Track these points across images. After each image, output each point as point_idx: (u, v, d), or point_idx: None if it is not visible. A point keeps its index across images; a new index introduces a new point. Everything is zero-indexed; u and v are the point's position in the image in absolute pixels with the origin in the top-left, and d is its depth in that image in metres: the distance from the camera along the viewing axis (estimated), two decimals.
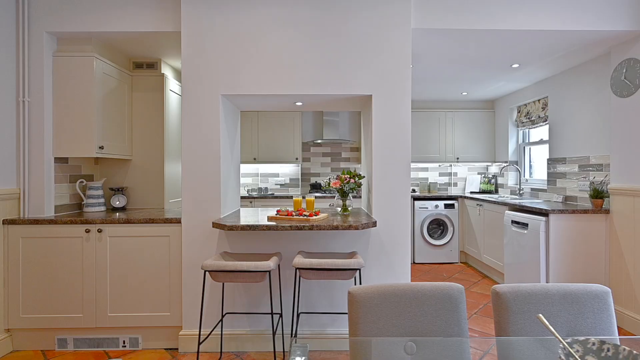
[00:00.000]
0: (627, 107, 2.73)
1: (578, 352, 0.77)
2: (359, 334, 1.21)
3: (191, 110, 2.48)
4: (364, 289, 1.24)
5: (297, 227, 2.13)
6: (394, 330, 1.22)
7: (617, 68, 2.82)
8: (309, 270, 2.00)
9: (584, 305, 1.23)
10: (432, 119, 5.12)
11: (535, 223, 3.05)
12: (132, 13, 2.56)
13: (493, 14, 2.54)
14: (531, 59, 3.27)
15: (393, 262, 2.49)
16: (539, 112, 4.15)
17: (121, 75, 3.01)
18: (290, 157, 5.01)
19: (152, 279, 2.50)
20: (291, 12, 2.48)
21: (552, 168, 3.81)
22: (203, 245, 2.48)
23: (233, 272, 1.97)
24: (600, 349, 0.77)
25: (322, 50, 2.48)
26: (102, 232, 2.48)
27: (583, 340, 0.78)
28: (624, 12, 2.55)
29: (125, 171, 3.21)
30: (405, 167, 2.49)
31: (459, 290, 1.25)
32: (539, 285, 1.26)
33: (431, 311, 1.23)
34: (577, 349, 0.77)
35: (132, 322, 2.50)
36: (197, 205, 2.48)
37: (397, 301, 1.23)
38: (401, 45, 2.47)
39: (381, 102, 2.48)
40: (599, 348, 0.77)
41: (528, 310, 1.23)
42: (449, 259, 4.76)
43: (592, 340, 0.78)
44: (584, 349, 0.78)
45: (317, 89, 2.49)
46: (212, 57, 2.48)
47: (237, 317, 2.51)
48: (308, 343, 2.40)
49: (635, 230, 2.65)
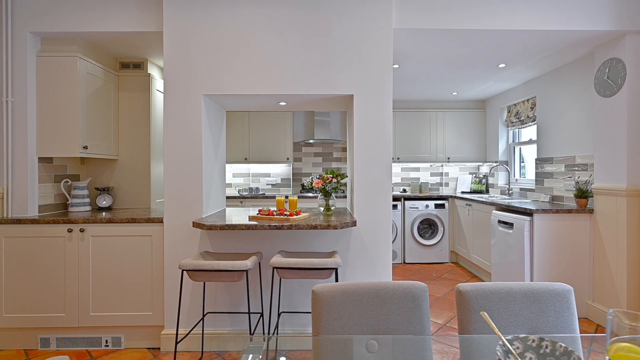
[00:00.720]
0: (610, 106, 2.74)
1: (518, 349, 0.78)
2: (321, 332, 1.22)
3: (173, 110, 2.49)
4: (327, 288, 1.25)
5: (276, 226, 2.13)
6: (356, 328, 1.22)
7: (601, 68, 2.83)
8: (286, 269, 2.01)
9: (546, 303, 1.24)
10: (423, 119, 5.13)
11: (520, 223, 3.06)
12: (115, 13, 2.57)
13: (476, 14, 2.54)
14: (517, 59, 3.27)
15: (374, 261, 2.50)
16: (528, 112, 4.15)
17: (107, 75, 3.01)
18: (281, 157, 5.02)
19: (135, 278, 2.51)
20: (274, 12, 2.49)
21: (540, 168, 3.82)
22: (185, 245, 2.49)
23: (210, 271, 1.98)
24: (539, 346, 0.77)
25: (305, 50, 2.49)
26: (84, 231, 2.48)
27: (523, 337, 0.79)
28: (606, 12, 2.56)
29: (112, 171, 3.22)
30: (386, 167, 2.50)
31: (422, 289, 1.25)
32: (501, 284, 1.26)
33: (393, 309, 1.23)
34: (517, 346, 0.78)
35: (115, 321, 2.50)
36: (179, 205, 2.49)
37: (359, 300, 1.24)
38: (382, 45, 2.48)
39: (362, 102, 2.48)
40: (538, 345, 0.78)
41: (490, 309, 1.23)
42: (440, 259, 4.76)
43: (532, 338, 0.78)
44: (524, 345, 0.78)
45: (299, 89, 2.50)
46: (194, 57, 2.48)
47: (219, 317, 2.52)
48: (289, 342, 2.41)
49: (617, 229, 2.66)
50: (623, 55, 2.63)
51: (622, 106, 2.63)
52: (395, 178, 5.46)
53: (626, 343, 0.60)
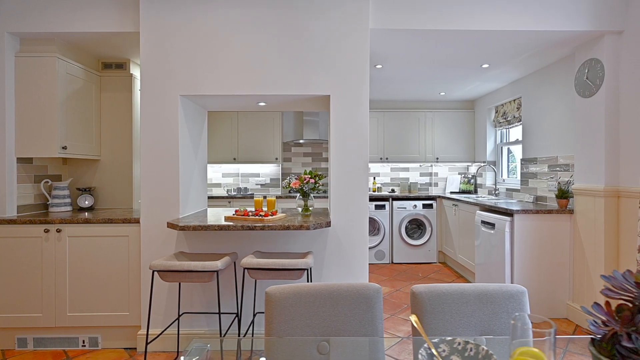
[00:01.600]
0: (589, 107, 2.74)
1: (444, 352, 0.78)
2: (273, 333, 1.22)
3: (150, 110, 2.49)
4: (281, 289, 1.24)
5: (249, 227, 2.13)
6: (307, 329, 1.22)
7: (580, 68, 2.83)
8: (256, 270, 2.01)
9: (499, 305, 1.23)
10: (412, 119, 5.13)
11: (501, 223, 3.06)
12: (93, 14, 2.57)
13: (455, 14, 2.54)
14: (500, 60, 3.27)
15: (351, 261, 2.50)
16: (514, 112, 4.15)
17: (88, 76, 3.01)
18: (270, 157, 5.02)
19: (112, 278, 2.51)
20: (251, 12, 2.48)
21: (524, 168, 3.82)
22: (162, 245, 2.49)
23: (181, 272, 1.98)
24: (464, 349, 0.77)
25: (282, 50, 2.49)
26: (61, 232, 2.48)
27: (450, 340, 0.79)
28: (585, 12, 2.55)
29: (94, 171, 3.22)
30: (363, 167, 2.49)
31: (375, 290, 1.25)
32: (455, 286, 1.26)
33: (345, 311, 1.23)
34: (443, 349, 0.78)
35: (92, 321, 2.50)
36: (155, 205, 2.49)
37: (312, 301, 1.24)
38: (359, 45, 2.47)
39: (339, 103, 2.48)
40: (463, 348, 0.77)
41: (442, 310, 1.23)
42: (427, 259, 4.76)
43: (459, 341, 0.78)
44: (450, 348, 0.78)
45: (277, 90, 2.50)
46: (171, 58, 2.48)
47: (195, 317, 2.52)
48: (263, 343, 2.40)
49: (595, 230, 2.65)
50: (601, 55, 2.62)
51: (600, 106, 2.63)
52: (385, 178, 5.46)
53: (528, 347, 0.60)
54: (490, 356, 0.72)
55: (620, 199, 2.56)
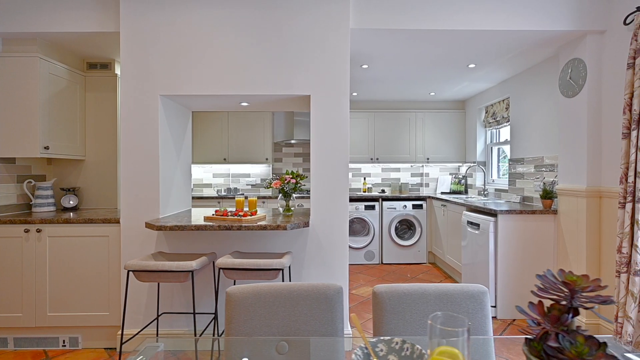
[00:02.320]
0: (572, 107, 2.73)
1: (382, 352, 0.77)
2: (232, 333, 1.21)
3: (130, 110, 2.48)
4: (241, 289, 1.24)
5: (226, 227, 2.13)
6: (266, 329, 1.22)
7: (564, 68, 2.82)
8: (231, 270, 2.00)
9: (459, 305, 1.23)
10: (403, 120, 5.12)
11: (486, 223, 3.05)
12: (75, 14, 2.56)
13: (435, 14, 2.54)
14: (485, 60, 3.27)
15: (331, 262, 2.49)
16: (503, 113, 4.15)
17: (72, 76, 3.01)
18: (260, 158, 5.01)
19: (92, 278, 2.51)
20: (232, 12, 2.48)
21: (512, 169, 3.81)
22: (141, 246, 2.49)
23: (155, 272, 1.97)
24: (401, 348, 0.77)
25: (263, 51, 2.48)
26: (41, 232, 2.48)
27: (388, 340, 0.78)
28: (568, 12, 2.55)
29: (79, 171, 3.21)
30: (343, 168, 2.49)
31: (336, 290, 1.25)
32: (416, 286, 1.26)
33: (305, 311, 1.23)
34: (381, 349, 0.77)
35: (72, 321, 2.50)
36: (135, 205, 2.49)
37: (272, 301, 1.23)
38: (339, 45, 2.47)
39: (319, 103, 2.48)
40: (400, 347, 0.77)
41: (402, 310, 1.22)
42: (417, 260, 4.75)
43: (396, 340, 0.78)
44: (388, 348, 0.78)
45: (258, 90, 2.50)
46: (151, 58, 2.48)
47: (176, 317, 2.51)
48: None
49: (578, 231, 2.65)
50: (584, 55, 2.62)
51: (583, 106, 2.62)
52: (376, 179, 5.46)
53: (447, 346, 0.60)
54: (422, 355, 0.71)
55: (602, 199, 2.55)
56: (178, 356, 2.44)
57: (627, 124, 2.18)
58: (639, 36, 2.14)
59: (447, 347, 0.60)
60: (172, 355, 2.39)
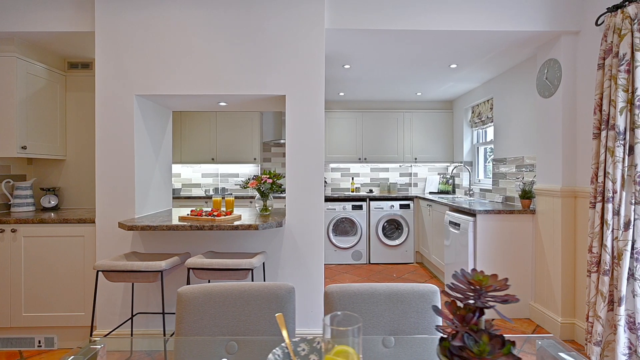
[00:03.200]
0: (548, 107, 2.74)
1: (304, 351, 0.77)
2: (182, 333, 1.22)
3: (105, 110, 2.48)
4: (191, 289, 1.24)
5: (198, 227, 2.13)
6: (216, 329, 1.22)
7: (541, 69, 2.83)
8: (201, 270, 2.01)
9: (409, 304, 1.23)
10: (390, 120, 5.12)
11: (466, 223, 3.06)
12: (51, 13, 2.56)
13: (410, 14, 2.54)
14: (466, 60, 3.27)
15: (306, 262, 2.49)
16: (488, 113, 4.15)
17: (51, 75, 3.01)
18: (249, 157, 5.01)
19: (67, 279, 2.51)
20: (207, 13, 2.48)
21: (496, 168, 3.82)
22: (117, 246, 2.49)
23: (125, 272, 1.97)
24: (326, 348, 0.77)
25: (239, 51, 2.48)
26: (16, 232, 2.48)
27: (310, 339, 0.79)
28: (543, 13, 2.56)
29: (60, 171, 3.21)
30: (318, 168, 2.49)
31: (287, 290, 1.25)
32: (367, 285, 1.26)
33: (256, 311, 1.23)
34: (303, 348, 0.78)
35: (48, 322, 2.50)
36: (111, 206, 2.49)
37: (222, 301, 1.23)
38: (314, 45, 2.47)
39: (294, 103, 2.48)
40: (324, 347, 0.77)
41: (353, 310, 1.23)
42: (404, 260, 4.76)
43: (318, 339, 0.78)
44: (310, 347, 0.78)
45: (234, 90, 2.50)
46: (127, 57, 2.48)
47: (151, 317, 2.51)
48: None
49: (554, 231, 2.65)
50: (559, 55, 2.62)
51: (558, 106, 2.63)
52: (364, 179, 5.46)
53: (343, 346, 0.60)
54: None
55: (577, 199, 2.56)
56: (153, 356, 2.44)
57: (598, 124, 2.19)
58: (608, 37, 2.15)
59: (343, 347, 0.60)
60: (147, 355, 2.40)
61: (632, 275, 2.02)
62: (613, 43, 2.12)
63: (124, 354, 2.47)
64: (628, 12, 2.05)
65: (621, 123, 2.05)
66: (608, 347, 2.11)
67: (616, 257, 2.06)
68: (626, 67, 2.05)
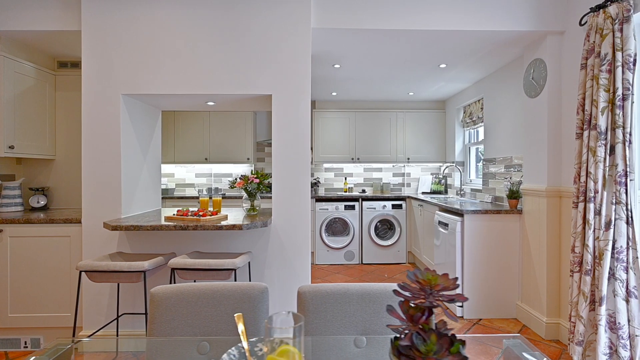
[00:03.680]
0: (535, 107, 2.75)
1: (261, 351, 0.78)
2: (154, 333, 1.22)
3: (91, 109, 2.48)
4: (164, 289, 1.25)
5: (182, 227, 2.13)
6: (188, 329, 1.22)
7: (527, 68, 2.83)
8: (184, 270, 2.01)
9: (381, 304, 1.24)
10: (383, 120, 5.13)
11: (453, 223, 3.06)
12: (37, 12, 2.56)
13: (397, 14, 2.54)
14: (455, 59, 3.28)
15: (293, 262, 2.50)
16: (479, 113, 4.16)
17: (40, 74, 3.00)
18: (242, 157, 5.01)
19: (54, 279, 2.51)
20: (195, 12, 2.48)
21: (485, 168, 3.83)
22: (103, 246, 2.49)
23: (107, 272, 1.98)
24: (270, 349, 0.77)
25: (225, 50, 2.49)
26: (2, 232, 2.48)
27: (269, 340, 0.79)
28: (528, 13, 2.56)
29: (49, 171, 3.21)
30: (305, 167, 2.49)
31: (260, 291, 1.25)
32: (340, 285, 1.27)
33: (228, 311, 1.23)
34: (260, 348, 0.78)
35: (34, 322, 2.50)
36: (97, 206, 2.49)
37: (194, 301, 1.24)
38: (301, 45, 2.48)
39: (280, 102, 2.48)
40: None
41: (325, 310, 1.23)
42: (397, 260, 4.76)
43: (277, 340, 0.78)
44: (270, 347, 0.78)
45: (220, 89, 2.50)
46: (113, 56, 2.48)
47: (138, 318, 2.52)
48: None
49: (540, 231, 2.66)
50: (545, 55, 2.63)
51: (544, 106, 2.64)
52: (358, 179, 5.46)
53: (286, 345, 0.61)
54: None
55: (562, 199, 2.57)
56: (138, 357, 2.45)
57: (580, 124, 2.20)
58: (591, 37, 2.16)
59: (287, 346, 0.60)
60: (133, 355, 2.40)
61: (612, 275, 2.03)
62: (595, 43, 2.13)
63: (110, 355, 2.48)
64: (609, 12, 2.06)
65: (603, 123, 2.06)
66: (590, 347, 2.12)
67: (597, 257, 2.07)
68: (607, 67, 2.05)
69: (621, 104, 2.01)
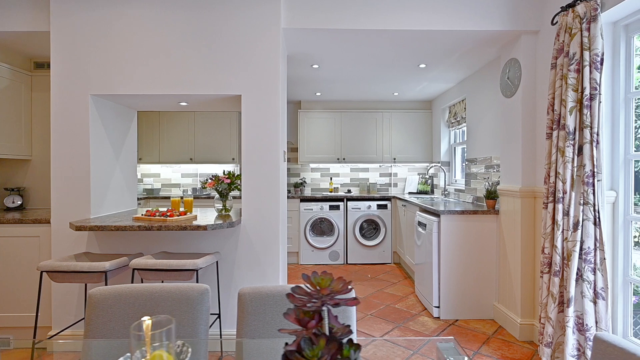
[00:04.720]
0: (510, 107, 2.72)
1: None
2: (91, 335, 1.20)
3: (60, 110, 2.47)
4: (102, 290, 1.23)
5: (146, 227, 2.11)
6: (125, 331, 1.20)
7: (503, 68, 2.81)
8: (145, 270, 1.99)
9: None
10: (369, 120, 5.10)
11: (431, 223, 3.04)
12: (6, 13, 2.54)
13: (371, 14, 2.52)
14: (434, 60, 3.25)
15: (263, 263, 2.48)
16: (462, 113, 4.14)
17: (15, 75, 2.99)
18: (227, 158, 5.00)
19: (23, 279, 2.49)
20: (165, 13, 2.47)
21: (467, 169, 3.80)
22: (72, 246, 2.47)
23: (68, 272, 1.96)
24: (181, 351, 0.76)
25: (196, 50, 2.47)
26: None
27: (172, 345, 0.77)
28: (503, 12, 2.54)
29: (25, 171, 3.19)
30: (275, 169, 2.47)
31: (200, 292, 1.23)
32: (280, 287, 1.25)
33: (166, 312, 1.22)
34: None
35: (3, 322, 2.49)
36: (66, 206, 2.47)
37: (132, 302, 1.22)
38: (271, 45, 2.46)
39: (250, 103, 2.47)
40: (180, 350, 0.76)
41: (264, 311, 1.21)
42: (382, 260, 4.74)
43: (178, 343, 0.77)
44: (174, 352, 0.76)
45: (192, 89, 2.48)
46: (82, 57, 2.47)
47: None
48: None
49: (515, 231, 2.64)
50: (519, 55, 2.61)
51: (518, 106, 2.62)
52: (344, 179, 5.44)
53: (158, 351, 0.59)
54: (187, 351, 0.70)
55: (536, 199, 2.54)
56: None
57: (550, 124, 2.18)
58: (560, 36, 2.13)
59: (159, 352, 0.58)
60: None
61: (580, 277, 2.00)
62: (564, 42, 2.11)
63: (78, 355, 2.46)
64: (578, 11, 2.04)
65: (571, 123, 2.04)
66: (559, 349, 2.10)
67: (566, 258, 2.05)
68: (576, 67, 2.03)
69: (589, 104, 1.99)
